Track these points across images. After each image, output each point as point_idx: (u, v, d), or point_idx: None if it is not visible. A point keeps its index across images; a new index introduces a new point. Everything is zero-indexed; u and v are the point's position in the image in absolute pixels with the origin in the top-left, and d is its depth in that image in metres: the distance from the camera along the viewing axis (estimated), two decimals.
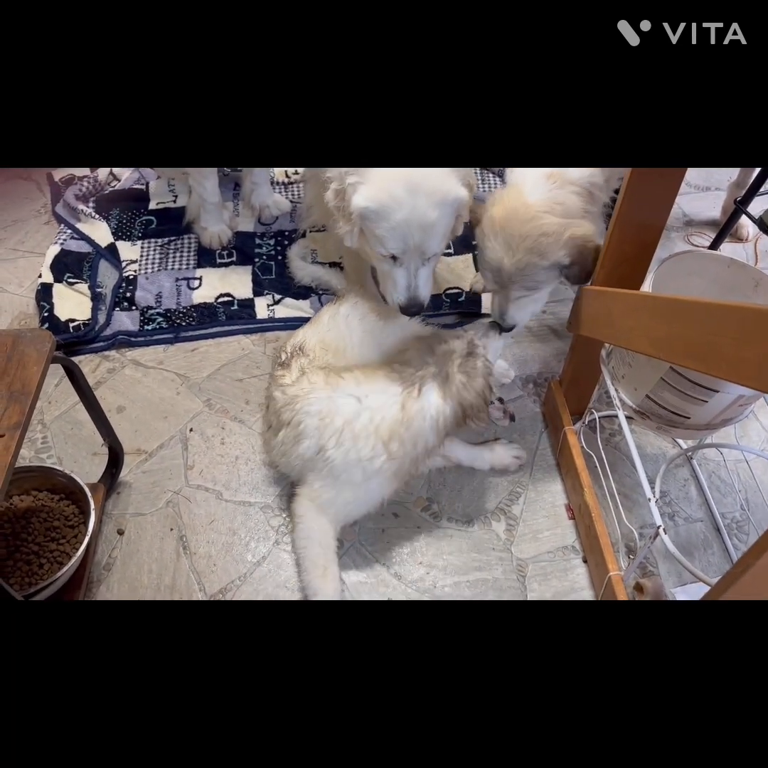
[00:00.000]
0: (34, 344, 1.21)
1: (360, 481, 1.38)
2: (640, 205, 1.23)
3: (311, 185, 1.72)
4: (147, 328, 1.93)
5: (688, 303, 0.94)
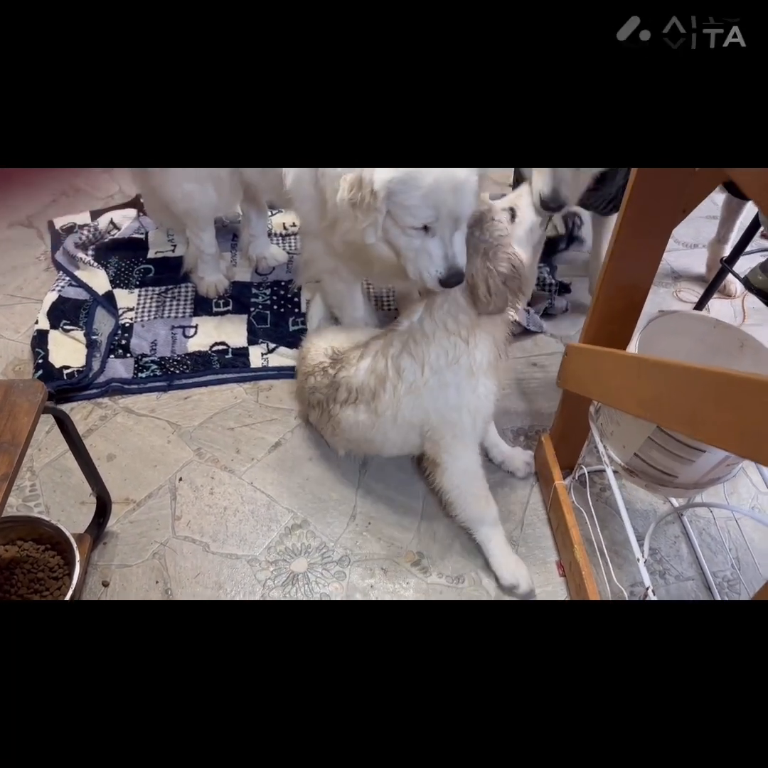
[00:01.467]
0: (26, 395, 1.21)
1: (469, 389, 1.44)
2: (627, 266, 1.26)
3: (308, 240, 1.75)
4: (141, 375, 1.94)
5: (673, 367, 0.96)
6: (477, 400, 1.46)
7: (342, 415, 1.57)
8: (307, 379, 1.68)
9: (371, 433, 1.56)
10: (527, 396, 1.93)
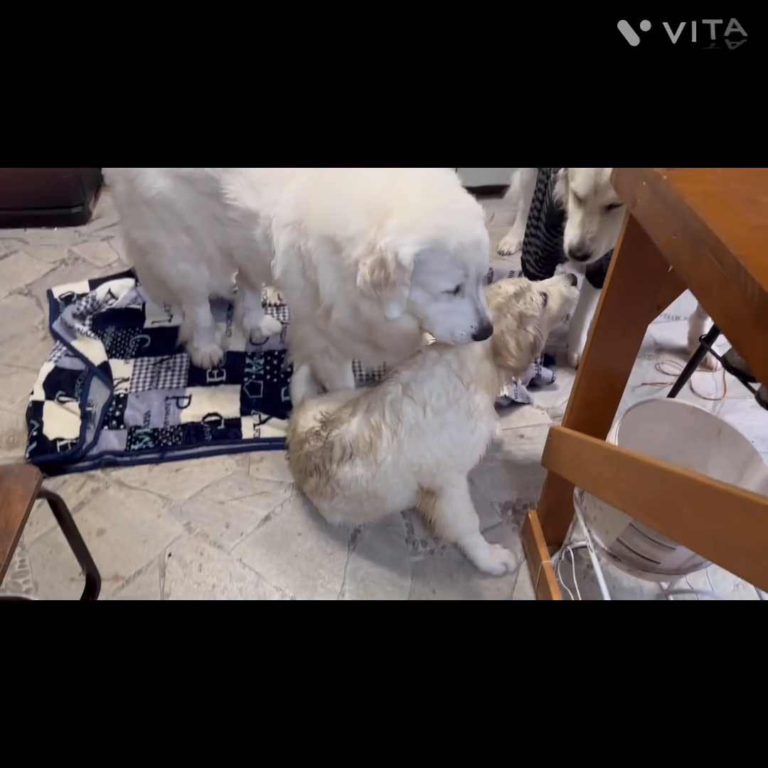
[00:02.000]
0: (21, 480, 1.23)
1: (468, 429, 1.54)
2: (606, 356, 1.31)
3: (299, 324, 1.79)
4: (133, 447, 1.96)
5: (652, 466, 0.99)
6: (476, 438, 1.56)
7: (340, 474, 1.61)
8: (301, 448, 1.71)
9: (372, 485, 1.60)
10: (515, 468, 1.96)
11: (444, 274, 1.37)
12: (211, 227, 1.76)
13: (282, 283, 1.62)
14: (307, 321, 1.69)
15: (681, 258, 0.86)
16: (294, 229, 1.51)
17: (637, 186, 0.98)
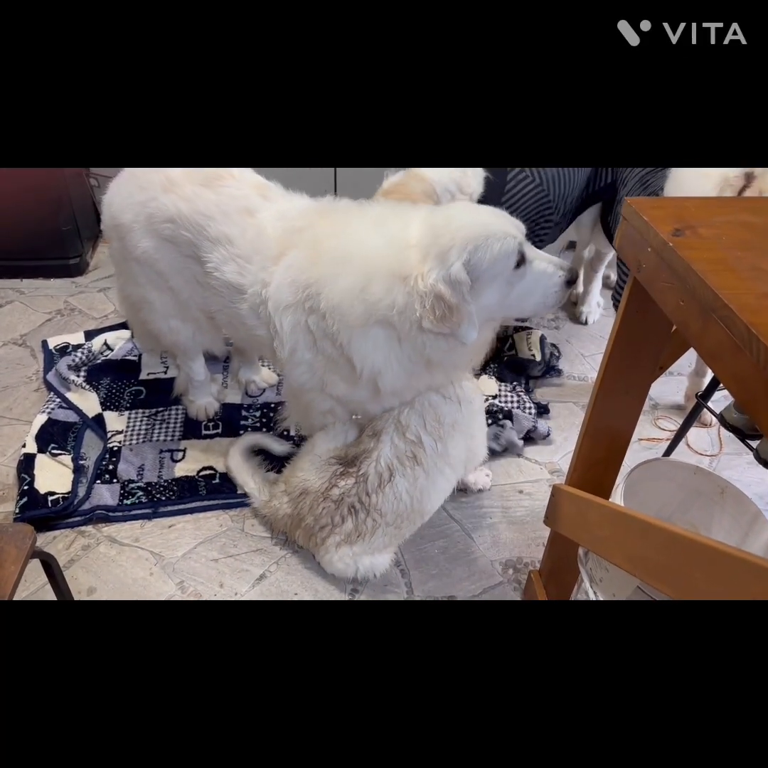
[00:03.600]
0: (15, 540, 1.20)
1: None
2: (608, 416, 1.31)
3: (301, 395, 1.77)
4: (126, 502, 1.92)
5: (662, 530, 0.98)
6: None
7: (381, 501, 1.65)
8: (324, 499, 1.68)
9: (421, 495, 1.68)
10: (515, 525, 1.94)
11: (500, 257, 1.38)
12: (193, 290, 1.78)
13: (288, 360, 1.62)
14: (313, 390, 1.69)
15: (690, 325, 0.87)
16: (298, 309, 1.52)
17: (641, 251, 1.00)
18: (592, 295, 2.81)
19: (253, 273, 1.58)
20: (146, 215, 1.67)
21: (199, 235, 1.62)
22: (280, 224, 1.58)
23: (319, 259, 1.48)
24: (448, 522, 1.92)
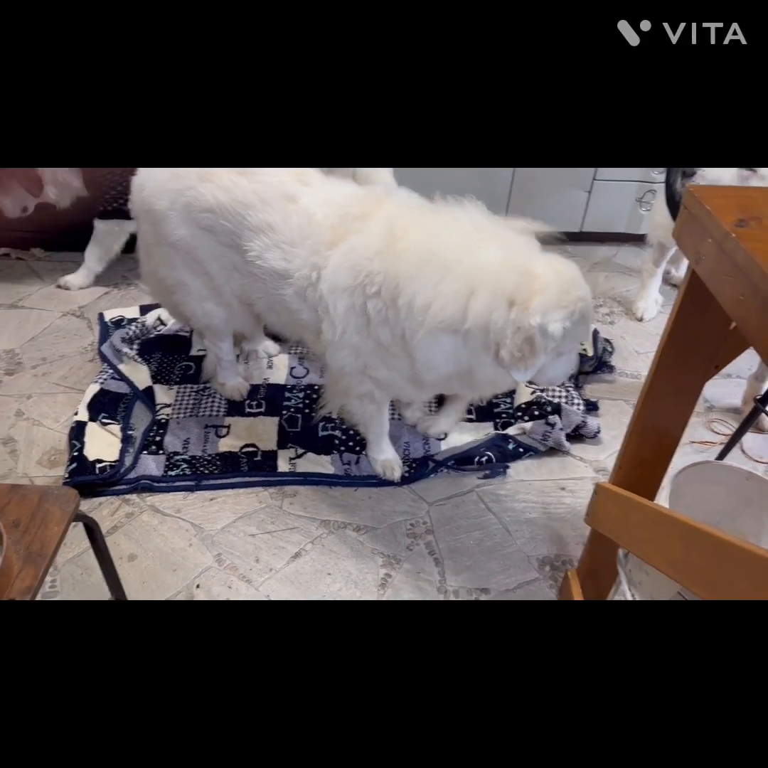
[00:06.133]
0: (59, 503, 1.24)
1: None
2: (658, 415, 1.26)
3: (341, 378, 1.78)
4: (170, 473, 1.96)
5: (708, 535, 0.94)
6: None
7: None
8: None
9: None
10: (554, 522, 1.90)
11: (579, 337, 1.53)
12: (230, 276, 1.79)
13: (334, 342, 1.63)
14: (353, 373, 1.70)
15: (749, 320, 0.82)
16: (356, 292, 1.53)
17: (702, 242, 0.95)
18: (650, 290, 2.71)
19: (301, 257, 1.59)
20: (183, 204, 1.68)
21: (239, 224, 1.63)
22: (330, 210, 1.58)
23: (398, 255, 1.47)
24: (485, 514, 1.90)
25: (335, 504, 1.92)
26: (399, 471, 1.97)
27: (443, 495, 1.95)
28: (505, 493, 1.96)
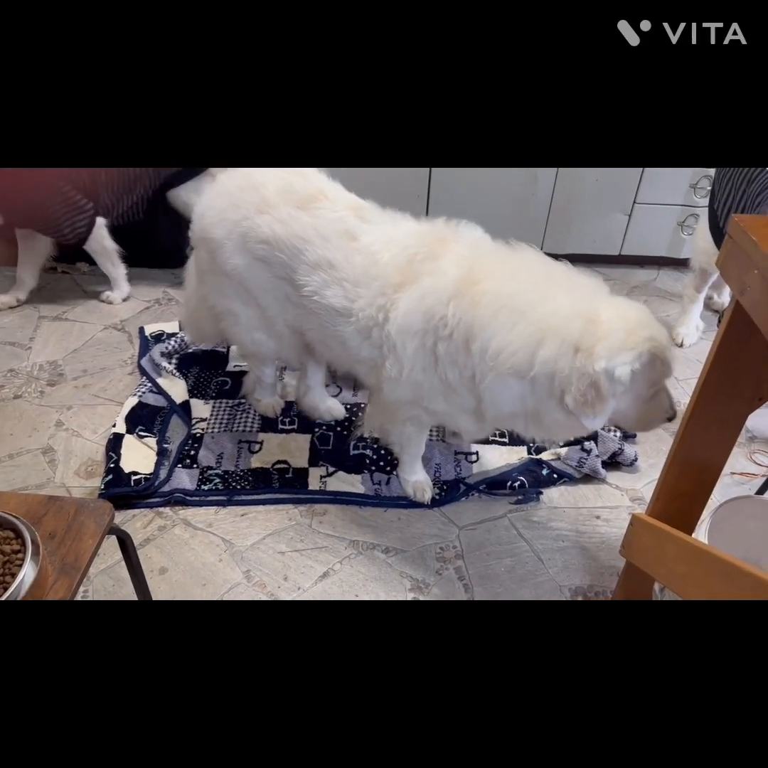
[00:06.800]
0: (94, 516, 1.26)
1: None
2: (699, 447, 1.23)
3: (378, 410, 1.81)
4: (203, 487, 1.98)
5: (748, 574, 0.91)
6: None
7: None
8: None
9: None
10: (588, 551, 1.86)
11: (656, 378, 1.47)
12: (283, 308, 1.80)
13: (397, 379, 1.62)
14: (408, 403, 1.70)
15: None
16: (428, 334, 1.53)
17: (747, 273, 0.93)
18: (691, 316, 2.66)
19: (366, 298, 1.58)
20: (239, 234, 1.69)
21: (296, 258, 1.63)
22: (395, 250, 1.58)
23: (475, 302, 1.47)
24: (517, 540, 1.87)
25: (365, 524, 1.92)
26: (430, 493, 1.96)
27: (474, 519, 1.93)
28: (538, 520, 1.93)
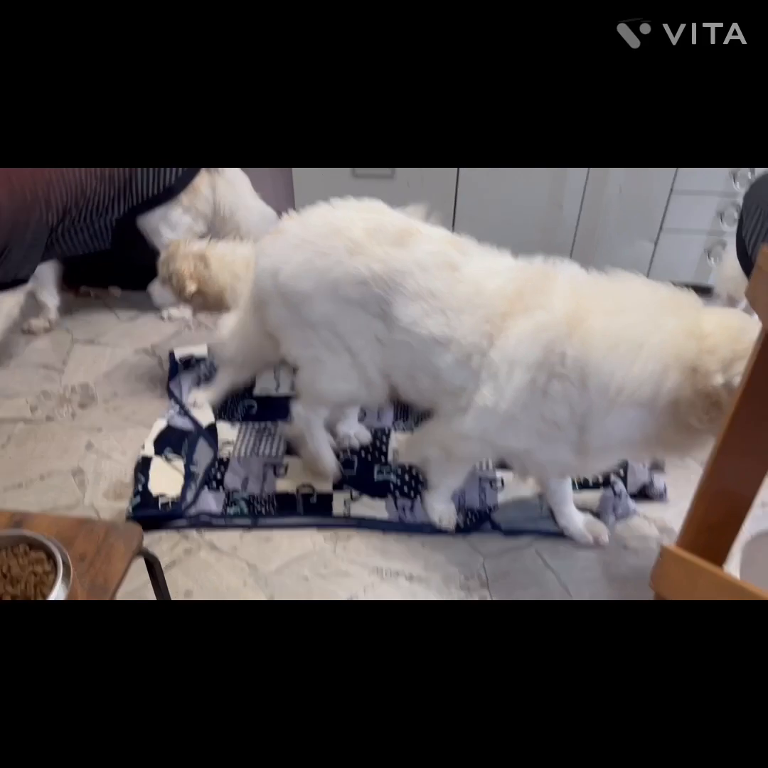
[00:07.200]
0: (124, 538, 1.28)
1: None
2: (730, 477, 1.21)
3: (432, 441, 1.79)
4: (229, 511, 2.00)
5: None
6: None
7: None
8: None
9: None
10: (616, 582, 1.83)
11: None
12: (373, 349, 1.76)
13: (491, 409, 1.58)
14: (482, 440, 1.68)
15: None
16: (541, 370, 1.50)
17: None
18: None
19: (469, 325, 1.57)
20: (331, 281, 1.65)
21: (393, 291, 1.61)
22: (501, 282, 1.58)
23: (587, 338, 1.46)
24: (543, 570, 1.85)
25: (389, 550, 1.91)
26: (454, 520, 1.95)
27: (499, 548, 1.91)
28: (565, 550, 1.90)
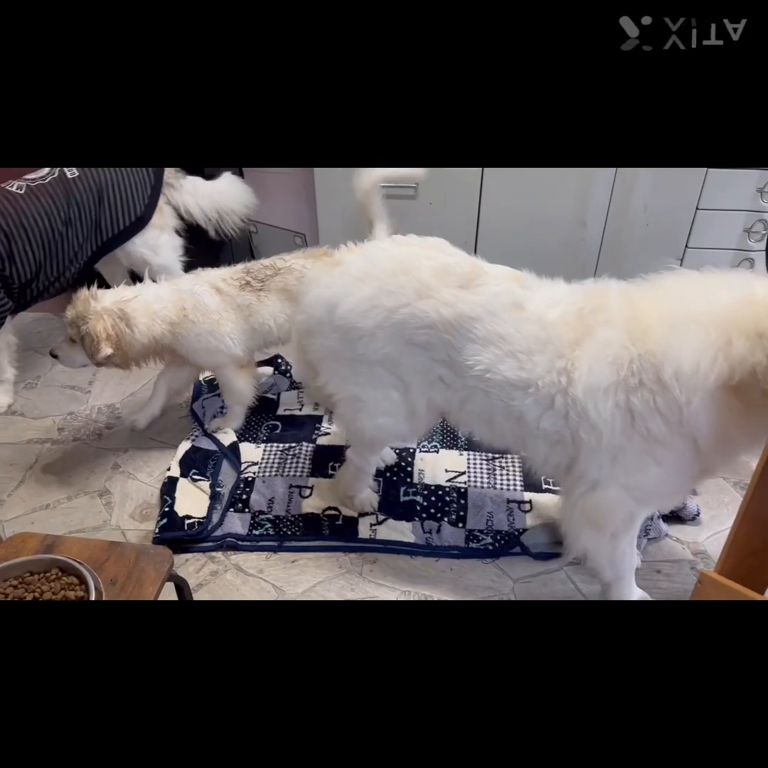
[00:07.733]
0: (154, 562, 1.27)
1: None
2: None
3: (603, 493, 1.59)
4: (255, 532, 1.99)
5: None
6: None
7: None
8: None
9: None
10: None
11: None
12: (431, 388, 1.69)
13: (598, 447, 1.50)
14: (613, 487, 1.53)
15: None
16: (619, 389, 1.42)
17: None
18: None
19: (543, 364, 1.50)
20: (397, 321, 1.60)
21: (462, 338, 1.56)
22: (560, 310, 1.52)
23: (646, 331, 1.40)
24: (574, 595, 1.81)
25: (416, 574, 1.89)
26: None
27: (529, 572, 1.88)
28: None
